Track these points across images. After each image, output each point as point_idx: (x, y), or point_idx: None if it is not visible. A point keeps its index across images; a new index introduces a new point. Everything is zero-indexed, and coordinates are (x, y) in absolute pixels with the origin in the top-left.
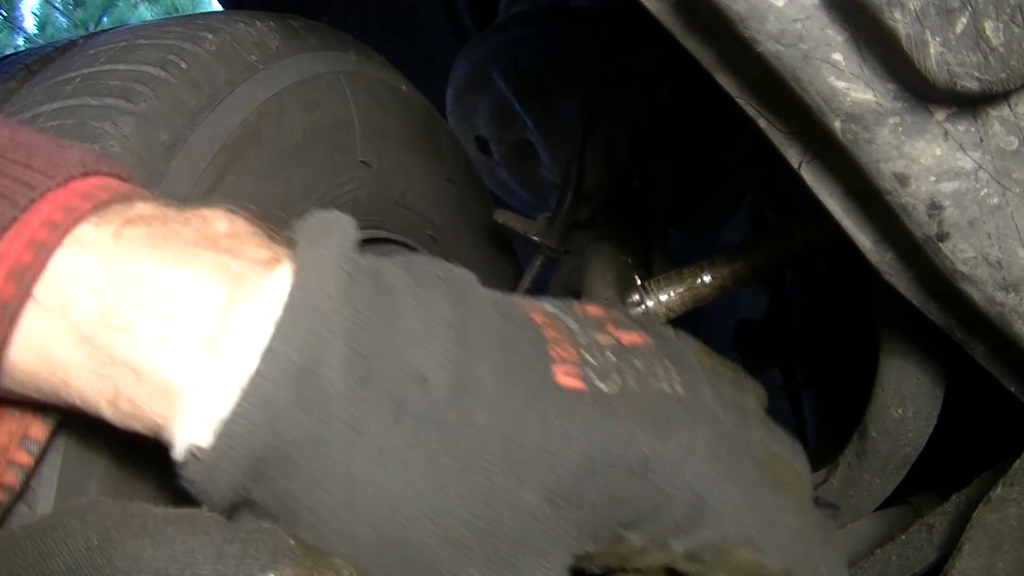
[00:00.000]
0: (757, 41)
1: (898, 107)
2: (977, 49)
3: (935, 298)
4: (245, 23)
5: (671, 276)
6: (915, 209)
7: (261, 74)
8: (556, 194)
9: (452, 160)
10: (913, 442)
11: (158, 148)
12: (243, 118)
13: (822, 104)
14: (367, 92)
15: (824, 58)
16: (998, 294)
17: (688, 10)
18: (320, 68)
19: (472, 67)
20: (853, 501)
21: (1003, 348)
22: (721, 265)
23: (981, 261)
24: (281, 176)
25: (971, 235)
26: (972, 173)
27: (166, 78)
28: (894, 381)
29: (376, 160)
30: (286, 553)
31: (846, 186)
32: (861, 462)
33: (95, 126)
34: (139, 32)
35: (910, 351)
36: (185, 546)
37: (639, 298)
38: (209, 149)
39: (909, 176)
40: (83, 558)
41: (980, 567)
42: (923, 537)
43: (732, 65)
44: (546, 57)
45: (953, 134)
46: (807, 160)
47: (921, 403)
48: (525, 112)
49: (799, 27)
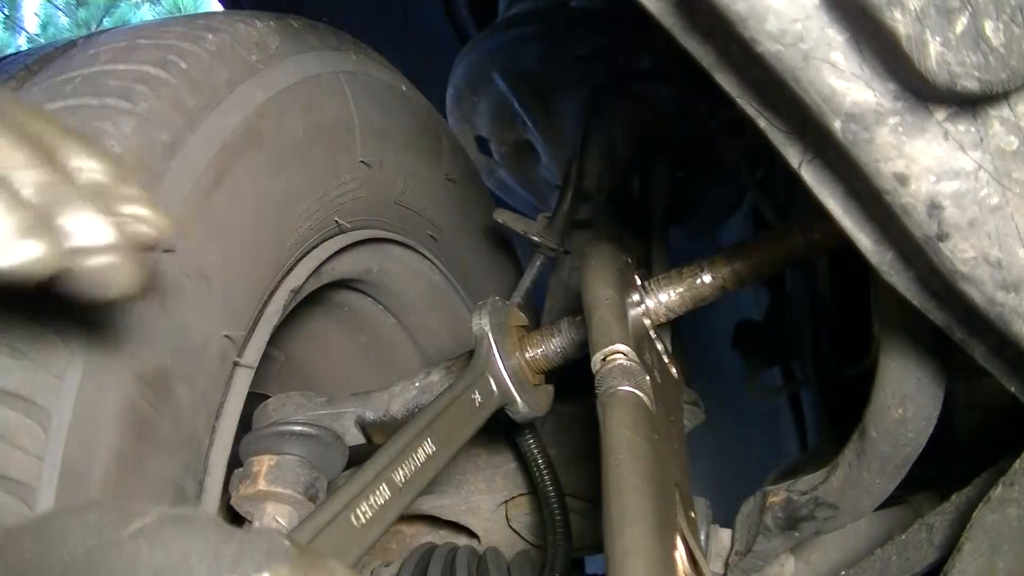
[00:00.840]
0: (757, 41)
1: (898, 107)
2: (977, 49)
3: (935, 298)
4: (245, 23)
5: (671, 276)
6: (915, 209)
7: (261, 74)
8: (556, 194)
9: (452, 160)
10: (913, 442)
11: (158, 148)
12: (243, 118)
13: (822, 104)
14: (367, 92)
15: (824, 58)
16: (998, 294)
17: (688, 10)
18: (320, 68)
19: (472, 67)
20: (853, 501)
21: (1003, 348)
22: (721, 265)
23: (981, 261)
24: (281, 176)
25: (971, 235)
26: (972, 173)
27: (166, 78)
28: (894, 381)
29: (376, 160)
30: (281, 553)
31: (846, 186)
32: (861, 462)
33: (95, 126)
34: (139, 32)
35: (910, 351)
36: (181, 547)
37: (639, 298)
38: (209, 149)
39: (909, 176)
40: (80, 557)
41: (980, 567)
42: (923, 537)
43: (732, 65)
44: (546, 57)
45: (953, 134)
46: (807, 160)
47: (921, 403)
48: (525, 112)
49: (799, 27)
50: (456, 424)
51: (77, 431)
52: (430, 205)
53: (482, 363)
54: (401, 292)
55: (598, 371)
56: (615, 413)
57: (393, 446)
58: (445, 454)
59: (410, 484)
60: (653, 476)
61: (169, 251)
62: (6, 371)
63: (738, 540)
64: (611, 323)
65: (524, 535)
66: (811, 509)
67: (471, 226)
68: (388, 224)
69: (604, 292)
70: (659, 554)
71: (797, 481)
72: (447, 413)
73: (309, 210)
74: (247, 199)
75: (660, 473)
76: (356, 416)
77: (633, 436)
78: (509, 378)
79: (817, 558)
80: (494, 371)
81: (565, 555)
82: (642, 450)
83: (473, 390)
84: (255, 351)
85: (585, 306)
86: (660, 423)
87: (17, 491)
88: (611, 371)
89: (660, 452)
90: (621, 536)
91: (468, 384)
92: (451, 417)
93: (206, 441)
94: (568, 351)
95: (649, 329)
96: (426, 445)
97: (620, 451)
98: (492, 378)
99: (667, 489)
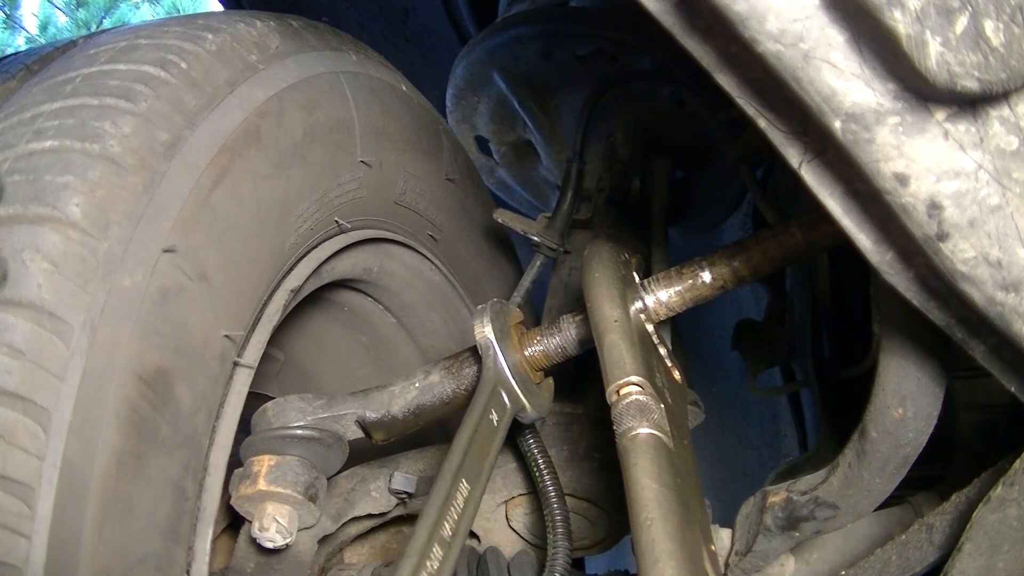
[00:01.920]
0: (757, 41)
1: (898, 107)
2: (977, 49)
3: (935, 298)
4: (245, 23)
5: (670, 275)
6: (915, 209)
7: (261, 74)
8: (556, 194)
9: (452, 160)
10: (913, 442)
11: (158, 148)
12: (243, 118)
13: (822, 104)
14: (367, 92)
15: (824, 58)
16: (998, 294)
17: (688, 10)
18: (320, 68)
19: (472, 67)
20: (853, 501)
21: (1003, 348)
22: (721, 264)
23: (981, 261)
24: (281, 176)
25: (971, 235)
26: (972, 173)
27: (166, 78)
28: (894, 381)
29: (376, 160)
30: None
31: (846, 186)
32: (861, 462)
33: (95, 126)
34: (139, 32)
35: (910, 351)
36: None
37: (638, 298)
38: (209, 149)
39: (909, 176)
40: None
41: (980, 567)
42: (923, 537)
43: (732, 65)
44: (546, 57)
45: (953, 134)
46: (807, 160)
47: (921, 403)
48: (525, 112)
49: (799, 27)
50: (482, 453)
51: (77, 431)
52: (430, 205)
53: (492, 376)
54: (401, 292)
55: (613, 404)
56: (640, 463)
57: (434, 502)
58: (479, 489)
59: (456, 535)
60: (684, 538)
61: (169, 251)
62: (6, 371)
63: (738, 540)
64: (623, 352)
65: (524, 535)
66: (811, 509)
67: (471, 226)
68: (388, 224)
69: (611, 312)
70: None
71: (797, 481)
72: (473, 447)
73: (309, 210)
74: (247, 199)
75: (688, 519)
76: (356, 416)
77: (660, 489)
78: (517, 385)
79: (817, 558)
80: (504, 382)
81: (565, 555)
82: (670, 505)
83: (490, 410)
84: (255, 351)
85: (594, 327)
86: (676, 447)
87: (17, 491)
88: (628, 408)
89: (683, 494)
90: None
91: (485, 405)
92: (477, 449)
93: (206, 441)
94: (568, 348)
95: (651, 333)
96: (462, 487)
97: (649, 508)
98: (503, 390)
99: (694, 537)
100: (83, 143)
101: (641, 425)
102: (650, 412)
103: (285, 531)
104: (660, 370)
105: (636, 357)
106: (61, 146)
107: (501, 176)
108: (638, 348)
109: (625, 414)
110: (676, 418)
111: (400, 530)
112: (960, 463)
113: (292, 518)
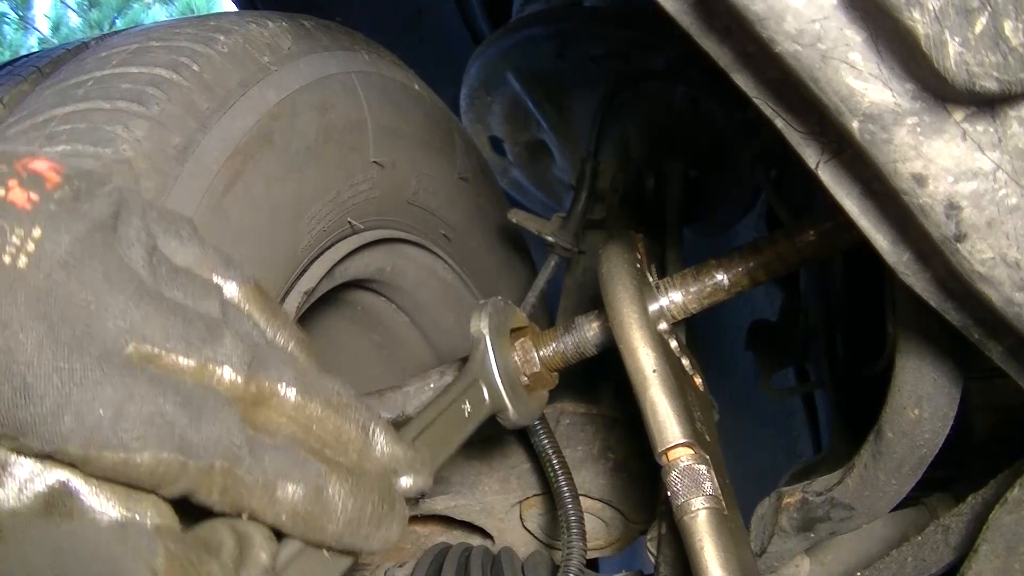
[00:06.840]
0: (775, 41)
1: (916, 107)
2: (996, 49)
3: (952, 299)
4: (257, 24)
5: (685, 275)
6: (933, 210)
7: (273, 75)
8: (570, 194)
9: (465, 159)
10: (929, 443)
11: (171, 151)
12: (256, 120)
13: (840, 104)
14: (380, 92)
15: (842, 58)
16: (1016, 295)
17: (706, 10)
18: (333, 68)
19: (486, 67)
20: (869, 502)
21: (1020, 349)
22: (735, 264)
23: (999, 262)
24: (294, 178)
25: (989, 236)
26: (990, 173)
27: (178, 81)
28: (910, 382)
29: (389, 160)
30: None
31: (863, 186)
32: (877, 463)
33: (108, 130)
34: (151, 34)
35: (927, 352)
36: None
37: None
38: (222, 152)
39: (927, 176)
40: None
41: (996, 569)
42: (939, 538)
43: (750, 65)
44: (560, 57)
45: (971, 134)
46: (824, 160)
47: (937, 404)
48: (539, 112)
49: (817, 27)
50: (440, 439)
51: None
52: (443, 205)
53: (476, 368)
54: (414, 291)
55: (664, 470)
56: (706, 546)
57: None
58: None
59: None
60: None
61: None
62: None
63: (753, 541)
64: (668, 412)
65: (538, 535)
66: (826, 510)
67: (485, 226)
68: (401, 224)
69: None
70: None
71: (812, 482)
72: (433, 428)
73: (322, 211)
74: (260, 201)
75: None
76: None
77: (726, 564)
78: (503, 384)
79: (832, 559)
80: (487, 377)
81: (579, 556)
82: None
83: (463, 400)
84: None
85: (631, 375)
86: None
87: None
88: (681, 477)
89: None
90: None
91: (459, 393)
92: (435, 433)
93: None
94: (583, 348)
95: (668, 337)
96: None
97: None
98: (485, 385)
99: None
100: (96, 148)
101: (697, 497)
102: (703, 480)
103: None
104: (689, 388)
105: (681, 415)
106: (74, 151)
107: (515, 176)
108: (679, 399)
109: (679, 483)
110: (708, 428)
111: (414, 530)
112: (976, 464)
113: None
